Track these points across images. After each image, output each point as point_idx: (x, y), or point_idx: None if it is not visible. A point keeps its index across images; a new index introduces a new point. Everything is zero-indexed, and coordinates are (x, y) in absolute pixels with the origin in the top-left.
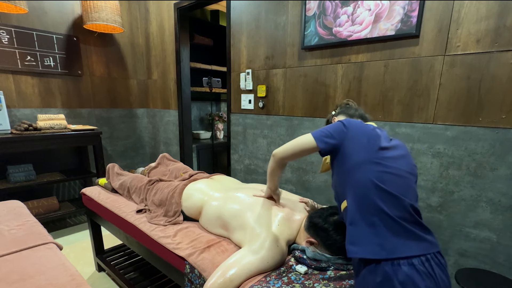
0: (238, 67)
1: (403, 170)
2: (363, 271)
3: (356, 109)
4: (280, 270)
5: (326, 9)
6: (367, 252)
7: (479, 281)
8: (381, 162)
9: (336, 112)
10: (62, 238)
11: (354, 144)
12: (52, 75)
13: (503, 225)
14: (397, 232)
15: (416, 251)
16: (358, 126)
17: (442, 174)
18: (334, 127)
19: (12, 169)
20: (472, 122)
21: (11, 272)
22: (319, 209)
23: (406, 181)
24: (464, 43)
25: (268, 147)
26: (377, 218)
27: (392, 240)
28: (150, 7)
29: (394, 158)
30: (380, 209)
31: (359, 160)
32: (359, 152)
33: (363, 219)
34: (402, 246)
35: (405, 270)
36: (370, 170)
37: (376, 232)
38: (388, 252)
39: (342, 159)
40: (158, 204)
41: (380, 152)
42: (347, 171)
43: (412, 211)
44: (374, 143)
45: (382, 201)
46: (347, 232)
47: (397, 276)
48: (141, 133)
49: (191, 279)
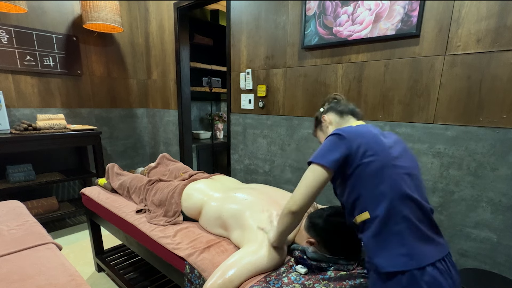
0: (238, 67)
1: (413, 167)
2: (385, 279)
3: (346, 105)
4: (280, 270)
5: (326, 9)
6: (396, 265)
7: (480, 281)
8: (396, 163)
9: (325, 109)
10: (62, 238)
11: (364, 152)
12: (52, 75)
13: (503, 225)
14: (420, 239)
15: (437, 255)
16: (354, 132)
17: (442, 174)
18: (330, 143)
19: (12, 169)
20: (473, 122)
21: (11, 272)
22: (319, 209)
23: (417, 177)
24: (465, 43)
25: (268, 147)
26: (402, 226)
27: (418, 248)
28: (150, 6)
29: (401, 156)
30: (405, 217)
31: (376, 167)
32: (373, 158)
33: (389, 230)
34: (427, 253)
35: (429, 271)
36: (390, 176)
37: (403, 241)
38: (417, 262)
39: (355, 169)
40: (157, 204)
41: (388, 149)
42: (365, 181)
43: (428, 211)
44: (381, 144)
45: (406, 207)
46: (369, 244)
47: (423, 278)
48: (141, 133)
49: (191, 279)
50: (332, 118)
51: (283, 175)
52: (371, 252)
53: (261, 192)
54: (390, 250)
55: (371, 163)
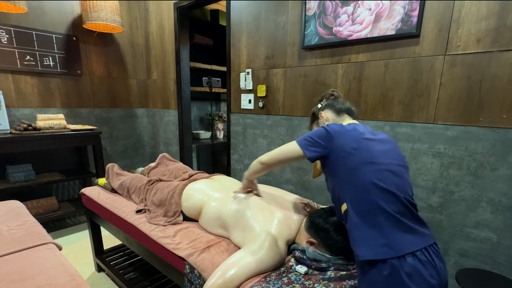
0: (238, 67)
1: (395, 164)
2: (369, 268)
3: (342, 103)
4: (280, 270)
5: (326, 9)
6: (376, 253)
7: (480, 282)
8: (375, 160)
9: (322, 106)
10: (62, 238)
11: (344, 150)
12: (52, 74)
13: (503, 225)
14: (400, 230)
15: (418, 245)
16: (342, 132)
17: (442, 174)
18: (319, 135)
19: (12, 169)
20: (473, 122)
21: (11, 272)
22: (320, 209)
23: (400, 174)
24: (465, 43)
25: (268, 147)
26: (380, 218)
27: (397, 238)
28: (149, 6)
29: (384, 153)
30: (382, 209)
31: (354, 164)
32: (352, 156)
33: (366, 221)
34: (407, 243)
35: (410, 261)
36: (367, 171)
37: (382, 232)
38: (396, 251)
39: (335, 164)
40: (157, 204)
41: (369, 147)
42: (344, 175)
43: (410, 205)
44: (361, 142)
45: (383, 200)
46: (351, 235)
47: (403, 268)
48: (140, 133)
49: (191, 279)
50: (329, 116)
51: (283, 175)
52: (352, 243)
53: (262, 192)
54: (370, 241)
55: (349, 159)
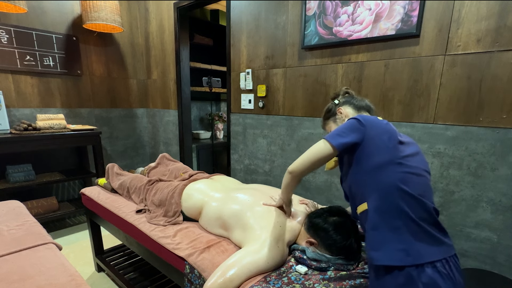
0: (238, 67)
1: (421, 168)
2: (384, 274)
3: (362, 100)
4: (280, 270)
5: (326, 9)
6: (392, 259)
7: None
8: (403, 162)
9: (340, 102)
10: (62, 238)
11: (376, 143)
12: (52, 74)
13: (503, 225)
14: (420, 236)
15: (438, 255)
16: (375, 123)
17: (442, 174)
18: (350, 126)
19: (12, 169)
20: (473, 122)
21: (11, 272)
22: (319, 209)
23: (425, 180)
24: (465, 43)
25: (268, 147)
26: (400, 222)
27: (416, 245)
28: (149, 6)
29: (412, 156)
30: (404, 213)
31: (382, 161)
32: (381, 151)
33: (386, 224)
34: (426, 251)
35: (429, 273)
36: (394, 172)
37: (400, 237)
38: (414, 258)
39: (361, 158)
40: (157, 204)
41: (400, 148)
42: (368, 171)
43: (433, 212)
44: (394, 140)
45: (406, 204)
46: (368, 237)
47: (421, 279)
48: (140, 133)
49: (191, 279)
50: (349, 112)
51: (283, 175)
52: (369, 244)
53: (262, 193)
54: (387, 244)
55: (378, 155)
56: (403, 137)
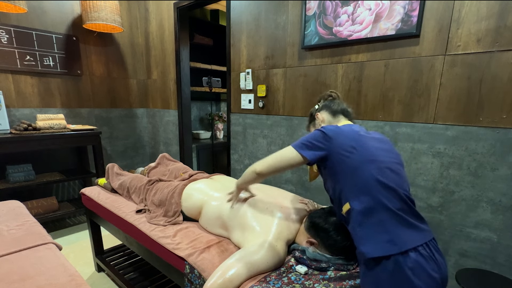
0: (238, 67)
1: (394, 162)
2: (373, 266)
3: (339, 104)
4: (280, 270)
5: (326, 9)
6: (381, 250)
7: (480, 282)
8: (375, 158)
9: (319, 107)
10: (62, 238)
11: (344, 150)
12: (52, 74)
13: (503, 225)
14: (402, 226)
15: (419, 240)
16: (338, 133)
17: (442, 174)
18: (316, 137)
19: (12, 169)
20: (473, 122)
21: (11, 272)
22: (320, 209)
23: (399, 172)
24: (465, 43)
25: (268, 147)
26: (383, 215)
27: (400, 234)
28: (149, 6)
29: (382, 150)
30: (384, 206)
31: (355, 163)
32: (351, 156)
33: (370, 219)
34: (409, 238)
35: (413, 257)
36: (368, 169)
37: (385, 229)
38: (399, 247)
39: (335, 165)
40: (157, 204)
41: (369, 146)
42: (345, 174)
43: (409, 201)
44: (360, 142)
45: (385, 197)
46: (355, 234)
47: (407, 263)
48: (140, 133)
49: (191, 279)
50: (325, 117)
51: (283, 175)
52: (357, 241)
53: (262, 192)
54: (374, 238)
55: (350, 158)
56: (372, 134)
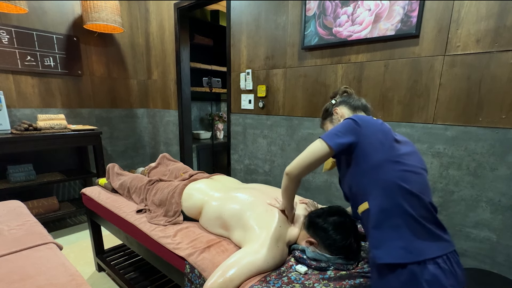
0: (238, 67)
1: (418, 166)
2: (387, 273)
3: (358, 99)
4: (280, 270)
5: (326, 9)
6: (393, 256)
7: (479, 281)
8: (400, 160)
9: (337, 102)
10: (62, 238)
11: (371, 142)
12: (52, 75)
13: (503, 225)
14: (420, 234)
15: (438, 251)
16: (371, 123)
17: (442, 174)
18: (346, 126)
19: (12, 169)
20: (472, 122)
21: (11, 272)
22: (319, 209)
23: (423, 177)
24: (464, 43)
25: (268, 147)
26: (401, 220)
27: (417, 243)
28: (150, 7)
29: (408, 155)
30: (404, 210)
31: (380, 160)
32: (378, 150)
33: (387, 222)
34: (427, 248)
35: (431, 269)
36: (392, 170)
37: (400, 234)
38: (415, 255)
39: (359, 158)
40: (158, 204)
41: (396, 147)
42: (367, 171)
43: (432, 209)
44: (389, 139)
45: (407, 202)
46: (370, 236)
47: (424, 276)
48: (141, 133)
49: (191, 279)
50: (344, 112)
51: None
52: (371, 243)
53: (262, 192)
54: (388, 242)
55: (376, 153)
56: (398, 136)
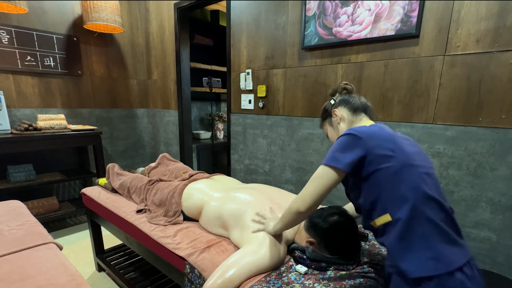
0: (238, 67)
1: (428, 166)
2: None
3: (358, 98)
4: (280, 270)
5: (326, 9)
6: (425, 269)
7: None
8: (413, 163)
9: (336, 102)
10: (62, 238)
11: (381, 153)
12: (52, 75)
13: (503, 225)
14: (445, 241)
15: (463, 258)
16: (371, 133)
17: (442, 174)
18: (346, 143)
19: (12, 169)
20: (472, 122)
21: (11, 272)
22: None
23: (435, 177)
24: (464, 43)
25: (268, 147)
26: (427, 228)
27: (445, 251)
28: (150, 7)
29: (417, 154)
30: (427, 217)
31: (395, 168)
32: (391, 159)
33: (413, 232)
34: (454, 256)
35: (459, 277)
36: (409, 175)
37: (428, 244)
38: (446, 265)
39: (371, 171)
40: (158, 204)
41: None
42: (384, 182)
43: (451, 213)
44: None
45: (428, 207)
46: (393, 248)
47: (451, 285)
48: (141, 133)
49: (191, 279)
50: (344, 114)
51: (283, 175)
52: (395, 256)
53: (262, 192)
54: (416, 254)
55: (389, 164)
56: (398, 134)
